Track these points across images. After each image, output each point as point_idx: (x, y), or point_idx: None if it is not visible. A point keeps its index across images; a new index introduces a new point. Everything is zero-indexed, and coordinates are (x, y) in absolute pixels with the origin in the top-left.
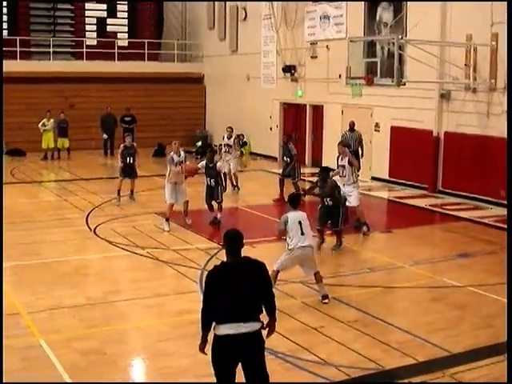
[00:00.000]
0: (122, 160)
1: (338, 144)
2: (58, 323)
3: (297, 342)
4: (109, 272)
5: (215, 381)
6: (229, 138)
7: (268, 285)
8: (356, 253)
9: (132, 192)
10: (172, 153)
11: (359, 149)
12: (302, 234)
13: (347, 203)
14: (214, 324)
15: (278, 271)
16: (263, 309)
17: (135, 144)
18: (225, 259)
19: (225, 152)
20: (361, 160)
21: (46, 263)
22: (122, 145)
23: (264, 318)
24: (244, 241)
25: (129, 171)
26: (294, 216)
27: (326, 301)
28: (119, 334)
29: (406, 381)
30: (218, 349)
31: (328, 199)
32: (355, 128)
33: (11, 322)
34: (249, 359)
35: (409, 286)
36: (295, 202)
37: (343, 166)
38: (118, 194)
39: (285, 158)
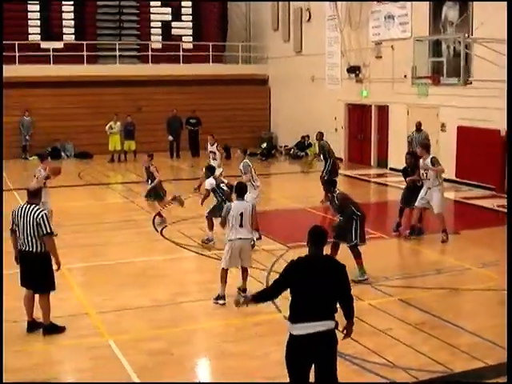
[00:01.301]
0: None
1: (418, 147)
2: (126, 324)
3: (364, 345)
4: (175, 273)
5: (285, 381)
6: (212, 145)
7: (348, 287)
8: (423, 254)
9: (159, 214)
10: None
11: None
12: (241, 226)
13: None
14: (288, 323)
15: (226, 269)
16: (338, 309)
17: (151, 166)
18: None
19: (212, 159)
20: None
21: (114, 264)
22: None
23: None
24: None
25: (148, 193)
26: (237, 206)
27: (247, 294)
28: (186, 334)
29: None
30: (294, 348)
31: (339, 216)
32: (422, 128)
33: (81, 323)
34: (322, 358)
35: (477, 288)
36: (240, 191)
37: (427, 169)
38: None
39: (321, 156)
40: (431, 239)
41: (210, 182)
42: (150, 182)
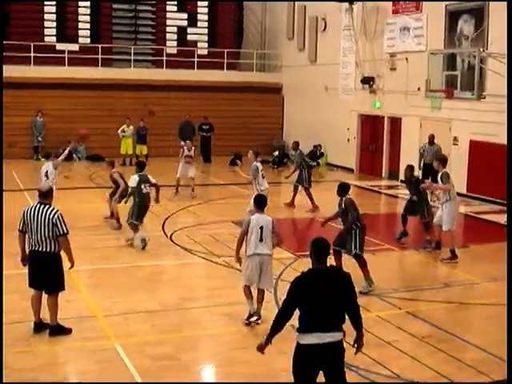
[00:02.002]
0: None
1: (435, 161)
2: (132, 328)
3: (370, 356)
4: (184, 279)
5: (289, 381)
6: (189, 151)
7: (354, 296)
8: (432, 267)
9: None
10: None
11: None
12: (261, 240)
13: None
14: (296, 333)
15: (248, 286)
16: (346, 319)
17: (113, 173)
18: (300, 269)
19: (186, 162)
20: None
21: (122, 268)
22: None
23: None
24: None
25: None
26: (257, 219)
27: (259, 321)
28: (192, 340)
29: None
30: (301, 358)
31: (340, 220)
32: (435, 141)
33: (87, 325)
34: (331, 369)
35: (485, 302)
36: (260, 203)
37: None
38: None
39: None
40: (441, 253)
41: (133, 178)
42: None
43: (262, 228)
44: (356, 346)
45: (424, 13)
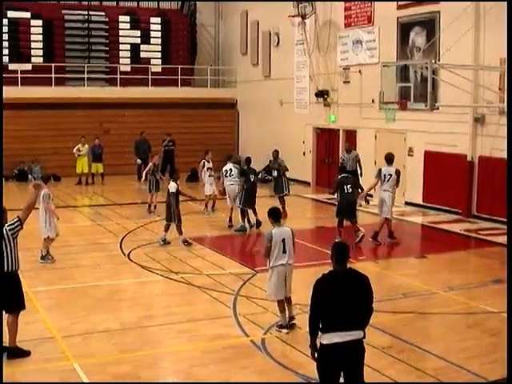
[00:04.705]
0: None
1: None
2: (92, 347)
3: None
4: (142, 297)
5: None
6: (208, 162)
7: (370, 299)
8: (390, 278)
9: None
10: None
11: (358, 168)
12: (284, 252)
13: None
14: (319, 334)
15: (278, 301)
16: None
17: None
18: (258, 284)
19: (209, 176)
20: (360, 179)
21: (81, 287)
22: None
23: None
24: None
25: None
26: (277, 233)
27: (294, 321)
28: (153, 358)
29: None
30: (325, 357)
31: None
32: (352, 149)
33: (46, 346)
34: (350, 367)
35: (444, 312)
36: (275, 216)
37: None
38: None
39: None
40: (399, 263)
41: (173, 185)
42: None
43: (284, 240)
44: None
45: (376, 25)
